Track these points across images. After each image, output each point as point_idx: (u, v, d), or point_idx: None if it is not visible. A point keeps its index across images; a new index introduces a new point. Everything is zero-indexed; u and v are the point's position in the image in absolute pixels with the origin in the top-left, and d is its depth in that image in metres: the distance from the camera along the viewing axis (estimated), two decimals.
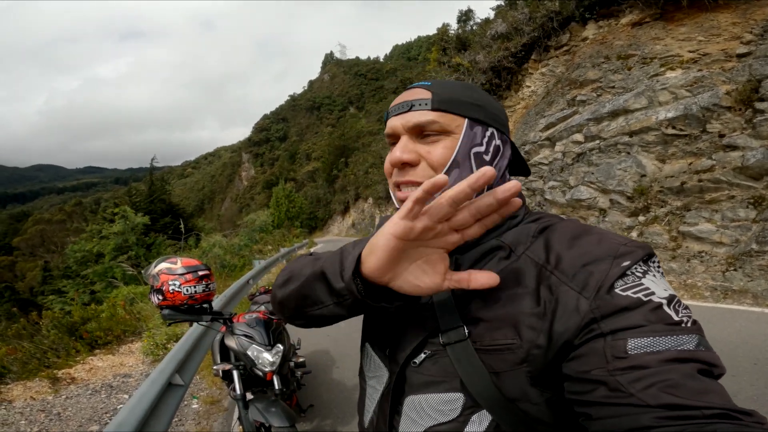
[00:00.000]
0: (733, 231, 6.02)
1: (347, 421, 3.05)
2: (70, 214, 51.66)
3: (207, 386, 3.96)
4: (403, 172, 0.66)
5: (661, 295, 0.50)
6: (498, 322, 0.58)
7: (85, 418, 3.54)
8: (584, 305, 0.51)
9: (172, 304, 1.90)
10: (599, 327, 0.50)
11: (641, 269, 0.53)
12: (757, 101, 6.19)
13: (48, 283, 29.10)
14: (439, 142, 0.65)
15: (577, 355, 0.51)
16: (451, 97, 0.66)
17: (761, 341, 3.89)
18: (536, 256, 0.59)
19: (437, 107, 0.65)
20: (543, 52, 11.45)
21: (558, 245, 0.59)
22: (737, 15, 7.42)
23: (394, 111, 0.69)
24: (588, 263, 0.54)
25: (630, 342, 0.47)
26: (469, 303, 0.61)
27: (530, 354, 0.55)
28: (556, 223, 0.64)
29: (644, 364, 0.45)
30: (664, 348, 0.46)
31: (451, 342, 0.60)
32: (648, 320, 0.48)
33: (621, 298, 0.50)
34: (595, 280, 0.52)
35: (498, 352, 0.57)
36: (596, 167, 8.16)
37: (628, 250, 0.54)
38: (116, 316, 5.98)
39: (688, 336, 0.47)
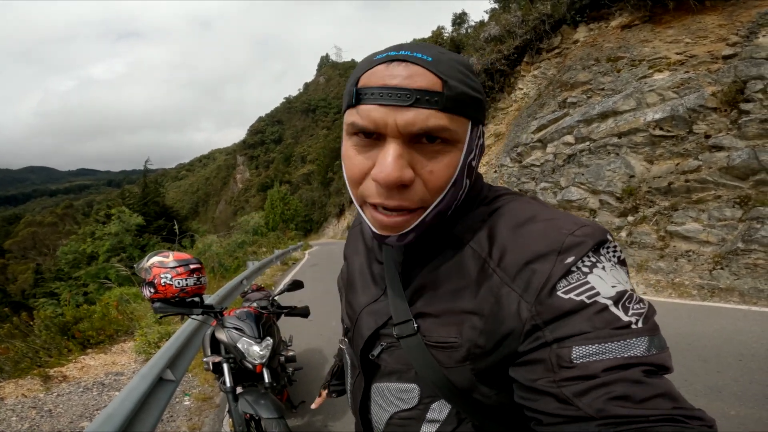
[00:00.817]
0: (720, 230, 6.11)
1: (338, 417, 3.06)
2: (61, 217, 51.27)
3: (199, 383, 3.97)
4: (392, 193, 0.51)
5: (607, 294, 0.46)
6: (444, 318, 0.56)
7: (76, 414, 3.54)
8: (525, 311, 0.48)
9: (163, 296, 1.93)
10: (543, 335, 0.47)
11: (589, 262, 0.48)
12: (742, 102, 6.30)
13: (39, 285, 28.87)
14: (443, 155, 0.52)
15: (524, 361, 0.49)
16: (462, 91, 0.51)
17: (747, 338, 3.95)
18: (479, 247, 0.56)
19: (450, 107, 0.50)
20: (535, 54, 11.57)
21: (501, 235, 0.54)
22: (723, 17, 7.56)
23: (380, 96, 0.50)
24: (530, 261, 0.49)
25: (575, 350, 0.44)
26: (420, 296, 0.60)
27: (471, 353, 0.53)
28: (506, 204, 0.59)
29: (590, 373, 0.43)
30: (610, 355, 0.43)
31: (403, 335, 0.60)
32: (593, 325, 0.44)
33: (563, 301, 0.46)
34: (536, 281, 0.48)
35: (443, 348, 0.56)
36: (586, 168, 8.26)
37: (575, 241, 0.49)
38: (108, 316, 5.97)
39: (637, 338, 0.44)
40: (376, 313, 0.66)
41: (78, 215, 56.53)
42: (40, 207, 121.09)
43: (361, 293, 0.71)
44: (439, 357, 0.56)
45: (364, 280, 0.72)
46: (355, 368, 0.71)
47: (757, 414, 2.68)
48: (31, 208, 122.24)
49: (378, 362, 0.65)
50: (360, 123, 0.51)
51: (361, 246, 0.77)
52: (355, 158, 0.54)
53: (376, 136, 0.51)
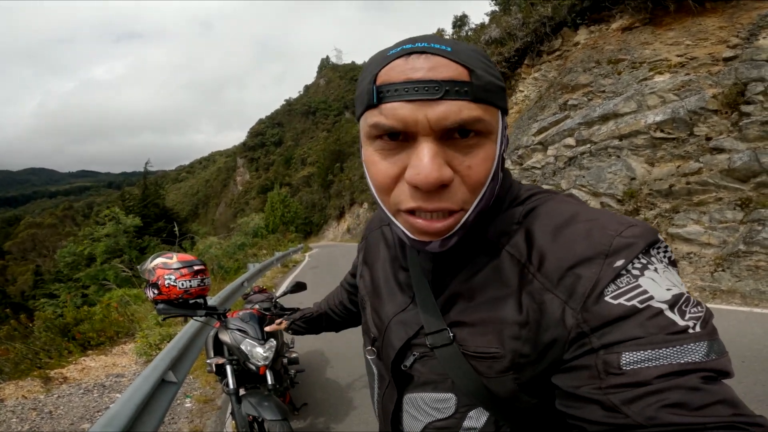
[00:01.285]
0: (721, 232, 6.11)
1: (340, 419, 3.06)
2: (61, 218, 51.28)
3: (200, 385, 3.96)
4: (431, 196, 0.48)
5: (661, 298, 0.43)
6: (481, 327, 0.54)
7: (77, 416, 3.53)
8: (570, 318, 0.45)
9: (167, 298, 1.93)
10: (590, 342, 0.44)
11: (639, 264, 0.45)
12: (743, 104, 6.30)
13: (39, 287, 28.86)
14: (479, 149, 0.49)
15: (567, 368, 0.46)
16: (489, 80, 0.49)
17: (749, 340, 3.94)
18: (517, 252, 0.53)
19: (482, 97, 0.47)
20: (536, 57, 11.59)
21: (541, 238, 0.51)
22: (724, 19, 7.57)
23: (405, 92, 0.46)
24: (574, 265, 0.46)
25: (624, 356, 0.41)
26: (453, 305, 0.58)
27: (515, 363, 0.51)
28: (542, 203, 0.56)
29: (641, 380, 0.40)
30: (665, 361, 0.40)
31: (437, 345, 0.57)
32: (646, 331, 0.41)
33: (612, 307, 0.43)
34: (582, 286, 0.45)
35: (483, 359, 0.53)
36: (587, 171, 8.26)
37: (624, 243, 0.46)
38: (109, 318, 5.96)
39: (695, 344, 0.41)
40: (405, 322, 0.63)
41: (78, 217, 56.55)
42: (40, 208, 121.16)
43: (387, 302, 0.69)
44: (479, 367, 0.54)
45: (390, 288, 0.69)
46: (383, 379, 0.68)
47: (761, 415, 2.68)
48: (31, 210, 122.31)
49: (411, 373, 0.63)
50: (386, 123, 0.47)
51: (383, 251, 0.75)
52: (380, 164, 0.50)
53: (403, 137, 0.48)
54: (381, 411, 0.70)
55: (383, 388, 0.68)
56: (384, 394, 0.68)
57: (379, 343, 0.68)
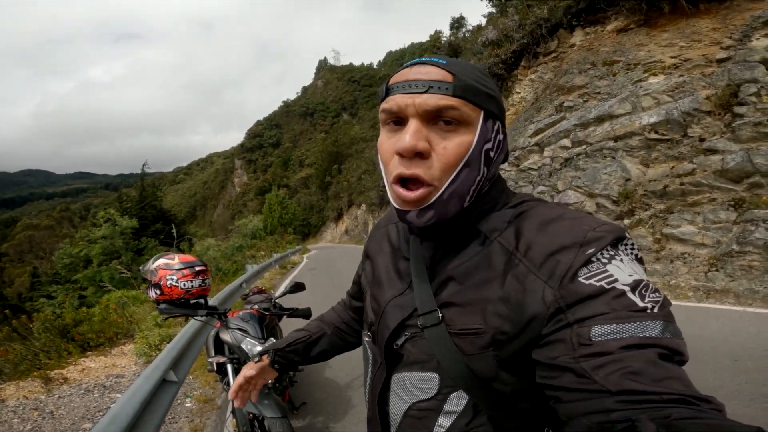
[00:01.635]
0: (715, 232, 6.17)
1: (339, 418, 3.08)
2: (59, 220, 51.10)
3: (200, 385, 3.99)
4: (411, 163, 0.60)
5: (624, 282, 0.51)
6: (468, 307, 0.60)
7: (78, 416, 3.55)
8: (549, 295, 0.52)
9: (169, 298, 1.96)
10: (566, 317, 0.51)
11: (608, 254, 0.53)
12: (736, 105, 6.38)
13: (36, 289, 28.75)
14: (455, 133, 0.60)
15: (545, 342, 0.52)
16: (472, 84, 0.60)
17: (742, 339, 3.98)
18: (507, 243, 0.61)
19: (459, 94, 0.59)
20: (532, 58, 11.64)
21: (528, 232, 0.59)
22: (717, 20, 7.64)
23: (402, 88, 0.61)
24: (555, 252, 0.54)
25: (594, 329, 0.48)
26: (445, 288, 0.65)
27: (495, 339, 0.57)
28: (532, 207, 0.64)
29: (607, 350, 0.47)
30: (626, 335, 0.47)
31: (427, 325, 0.63)
32: (611, 308, 0.49)
33: (584, 286, 0.51)
34: (560, 269, 0.53)
35: (467, 335, 0.60)
36: (583, 172, 8.32)
37: (596, 236, 0.54)
38: (108, 319, 5.98)
39: (652, 322, 0.48)
40: (401, 305, 0.70)
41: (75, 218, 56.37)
42: (37, 210, 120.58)
43: (387, 288, 0.75)
44: (462, 345, 0.60)
45: (390, 276, 0.77)
46: (376, 361, 0.74)
47: (752, 413, 2.70)
48: (28, 212, 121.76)
49: (401, 352, 0.69)
50: (387, 107, 0.62)
51: (386, 246, 0.83)
52: (386, 142, 0.64)
53: (402, 123, 0.62)
54: (370, 392, 0.76)
55: (375, 370, 0.74)
56: (375, 376, 0.74)
57: (375, 326, 0.75)
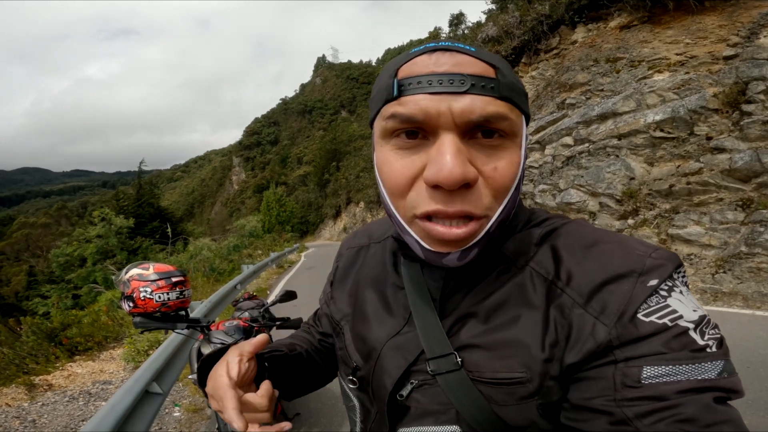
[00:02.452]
0: (722, 233, 6.04)
1: (334, 429, 2.98)
2: (56, 218, 50.97)
3: (189, 393, 3.86)
4: (453, 197, 0.45)
5: (689, 318, 0.43)
6: (500, 350, 0.49)
7: (60, 425, 3.46)
8: (602, 332, 0.44)
9: (143, 311, 1.81)
10: (614, 354, 0.43)
11: (667, 286, 0.45)
12: (744, 103, 6.24)
13: (33, 287, 28.66)
14: (504, 150, 0.47)
15: (581, 378, 0.45)
16: (514, 81, 0.48)
17: (753, 344, 3.88)
18: (543, 269, 0.50)
19: (507, 95, 0.46)
20: (533, 55, 11.53)
21: (568, 256, 0.49)
22: (723, 17, 7.52)
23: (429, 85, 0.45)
24: (607, 281, 0.45)
25: (645, 370, 0.41)
26: (463, 326, 0.53)
27: (544, 387, 0.47)
28: (562, 225, 0.54)
29: (659, 395, 0.40)
30: (683, 378, 0.40)
31: (441, 371, 0.52)
32: (670, 347, 0.41)
33: (645, 325, 0.43)
34: (615, 303, 0.44)
35: (504, 385, 0.49)
36: (586, 170, 8.19)
37: (655, 264, 0.45)
38: (98, 322, 5.84)
39: (712, 363, 0.41)
40: (402, 347, 0.57)
41: (73, 217, 56.27)
42: (34, 208, 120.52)
43: (376, 325, 0.61)
44: (493, 394, 0.49)
45: (377, 309, 0.62)
46: (368, 412, 0.61)
47: (766, 422, 2.62)
48: (24, 210, 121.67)
49: (407, 404, 0.55)
50: (405, 112, 0.45)
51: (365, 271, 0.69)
52: (396, 163, 0.48)
53: (423, 135, 0.46)
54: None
55: (368, 423, 0.61)
56: (370, 430, 0.61)
57: (364, 372, 0.60)
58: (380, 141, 0.50)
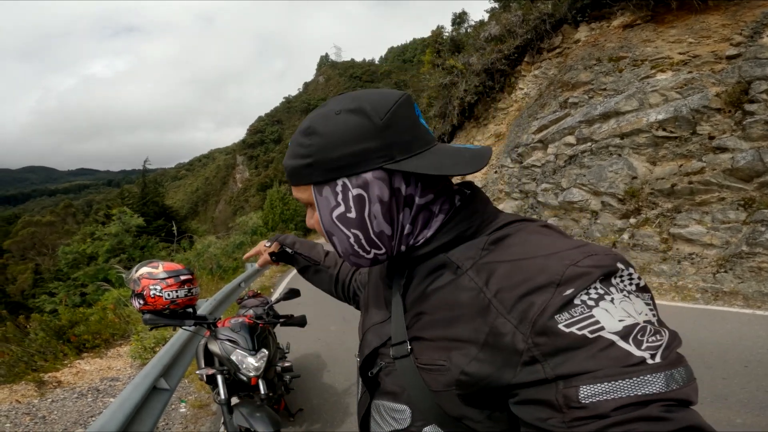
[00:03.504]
0: (724, 233, 6.05)
1: (336, 425, 3.02)
2: (63, 217, 51.21)
3: (195, 390, 3.91)
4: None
5: (612, 329, 0.43)
6: (436, 342, 0.57)
7: (70, 421, 3.51)
8: (520, 342, 0.46)
9: (153, 308, 1.87)
10: (543, 370, 0.45)
11: (595, 294, 0.45)
12: (746, 103, 6.23)
13: (39, 286, 28.81)
14: (314, 214, 0.66)
15: (528, 399, 0.47)
16: (290, 165, 0.63)
17: (752, 343, 3.89)
18: (477, 277, 0.54)
19: (290, 182, 0.65)
20: (536, 54, 11.51)
21: (501, 267, 0.53)
22: (727, 17, 7.49)
23: None
24: (527, 293, 0.47)
25: (582, 390, 0.42)
26: (418, 320, 0.61)
27: (458, 379, 0.53)
28: (511, 234, 0.57)
29: (602, 413, 0.41)
30: (623, 394, 0.41)
31: (398, 356, 0.62)
32: (599, 363, 0.42)
33: (563, 335, 0.44)
34: (532, 313, 0.46)
35: (431, 371, 0.57)
36: (588, 169, 8.19)
37: (578, 272, 0.46)
38: (105, 320, 5.91)
39: (653, 375, 0.41)
40: (378, 333, 0.69)
41: (79, 215, 56.50)
42: (40, 207, 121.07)
43: (371, 315, 0.75)
44: (429, 380, 0.57)
45: (377, 302, 0.75)
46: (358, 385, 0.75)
47: (764, 421, 2.64)
48: (30, 208, 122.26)
49: (378, 380, 0.68)
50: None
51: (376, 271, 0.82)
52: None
53: None
54: (357, 413, 0.76)
55: (361, 393, 0.74)
56: (360, 398, 0.74)
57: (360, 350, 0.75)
58: None
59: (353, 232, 0.61)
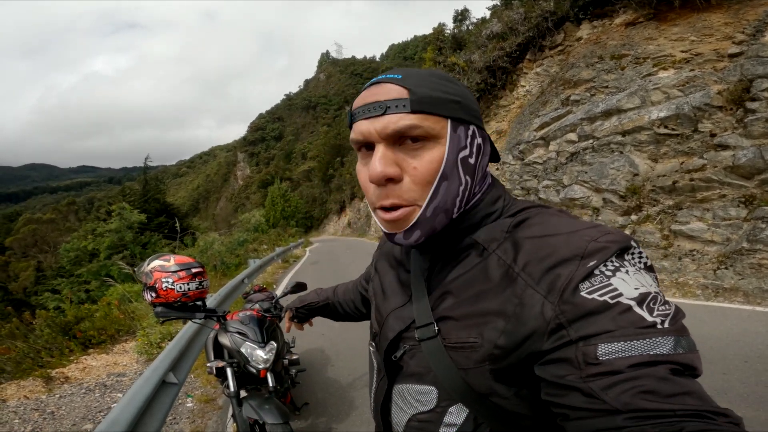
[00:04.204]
0: (724, 229, 6.07)
1: (342, 419, 3.05)
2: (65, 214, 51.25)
3: (201, 385, 3.95)
4: (385, 190, 0.59)
5: (630, 296, 0.48)
6: (464, 321, 0.59)
7: (78, 416, 3.52)
8: (549, 310, 0.50)
9: (165, 301, 1.90)
10: (568, 333, 0.49)
11: (612, 266, 0.51)
12: (748, 101, 6.24)
13: (41, 283, 28.87)
14: (423, 150, 0.58)
15: (550, 359, 0.50)
16: (430, 95, 0.58)
17: (752, 339, 3.91)
18: (505, 255, 0.59)
19: (418, 109, 0.57)
20: (538, 51, 11.50)
21: (527, 244, 0.57)
22: (729, 15, 7.49)
23: (362, 113, 0.60)
24: (554, 265, 0.52)
25: (600, 348, 0.46)
26: (443, 301, 0.64)
27: (491, 353, 0.55)
28: (532, 216, 0.62)
29: (615, 369, 0.45)
30: (636, 352, 0.45)
31: (424, 338, 0.63)
32: (617, 324, 0.46)
33: (587, 301, 0.48)
34: (559, 283, 0.51)
35: (462, 349, 0.58)
36: (589, 166, 8.21)
37: (598, 246, 0.52)
38: (110, 316, 5.95)
39: (663, 338, 0.46)
40: (401, 317, 0.70)
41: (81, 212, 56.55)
42: (41, 204, 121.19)
43: (390, 299, 0.76)
44: (458, 359, 0.59)
45: (393, 288, 0.77)
46: (380, 371, 0.74)
47: (764, 416, 2.66)
48: (32, 206, 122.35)
49: (401, 364, 0.69)
50: (355, 137, 0.62)
51: (392, 258, 0.83)
52: (361, 170, 0.64)
53: (372, 145, 0.61)
54: (374, 402, 0.75)
55: (378, 380, 0.74)
56: (378, 386, 0.74)
57: (378, 337, 0.75)
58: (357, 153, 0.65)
59: (467, 178, 0.62)
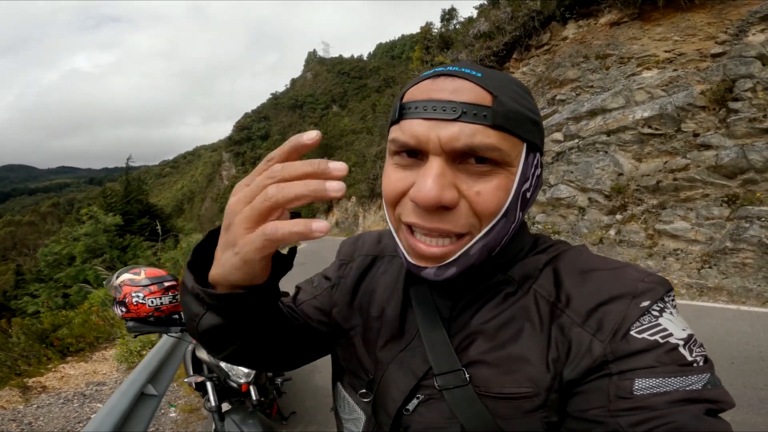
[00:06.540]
0: (708, 229, 6.15)
1: (331, 426, 2.99)
2: (44, 216, 50.15)
3: (185, 394, 3.86)
4: (432, 216, 0.48)
5: (678, 336, 0.46)
6: (507, 366, 0.52)
7: (57, 427, 3.44)
8: (598, 348, 0.47)
9: (136, 316, 1.80)
10: (608, 368, 0.46)
11: (659, 307, 0.49)
12: (731, 101, 6.33)
13: (21, 287, 28.18)
14: (493, 177, 0.48)
15: (578, 391, 0.48)
16: (515, 109, 0.48)
17: (737, 339, 3.95)
18: (546, 292, 0.54)
19: (501, 124, 0.47)
20: (524, 51, 11.55)
21: (568, 280, 0.53)
22: (712, 15, 7.58)
23: (423, 110, 0.48)
24: (603, 302, 0.49)
25: (637, 382, 0.44)
26: (470, 344, 0.55)
27: (548, 400, 0.50)
28: (563, 251, 0.58)
29: (650, 405, 0.43)
30: (672, 389, 0.43)
31: (448, 387, 0.53)
32: (660, 361, 0.45)
33: (637, 341, 0.46)
34: (610, 322, 0.48)
35: (510, 399, 0.51)
36: (575, 166, 8.27)
37: (647, 287, 0.49)
38: (89, 322, 5.79)
39: (698, 376, 0.44)
40: (409, 363, 0.58)
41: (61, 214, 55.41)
42: (20, 206, 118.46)
43: (383, 338, 0.63)
44: (498, 408, 0.51)
45: (385, 322, 0.64)
46: (370, 422, 0.62)
47: (752, 419, 2.67)
48: (10, 208, 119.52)
49: (411, 418, 0.57)
50: (401, 138, 0.49)
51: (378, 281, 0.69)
52: (393, 176, 0.51)
53: (420, 156, 0.49)
54: None
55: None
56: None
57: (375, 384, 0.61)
58: (389, 154, 0.53)
59: (520, 214, 0.54)
